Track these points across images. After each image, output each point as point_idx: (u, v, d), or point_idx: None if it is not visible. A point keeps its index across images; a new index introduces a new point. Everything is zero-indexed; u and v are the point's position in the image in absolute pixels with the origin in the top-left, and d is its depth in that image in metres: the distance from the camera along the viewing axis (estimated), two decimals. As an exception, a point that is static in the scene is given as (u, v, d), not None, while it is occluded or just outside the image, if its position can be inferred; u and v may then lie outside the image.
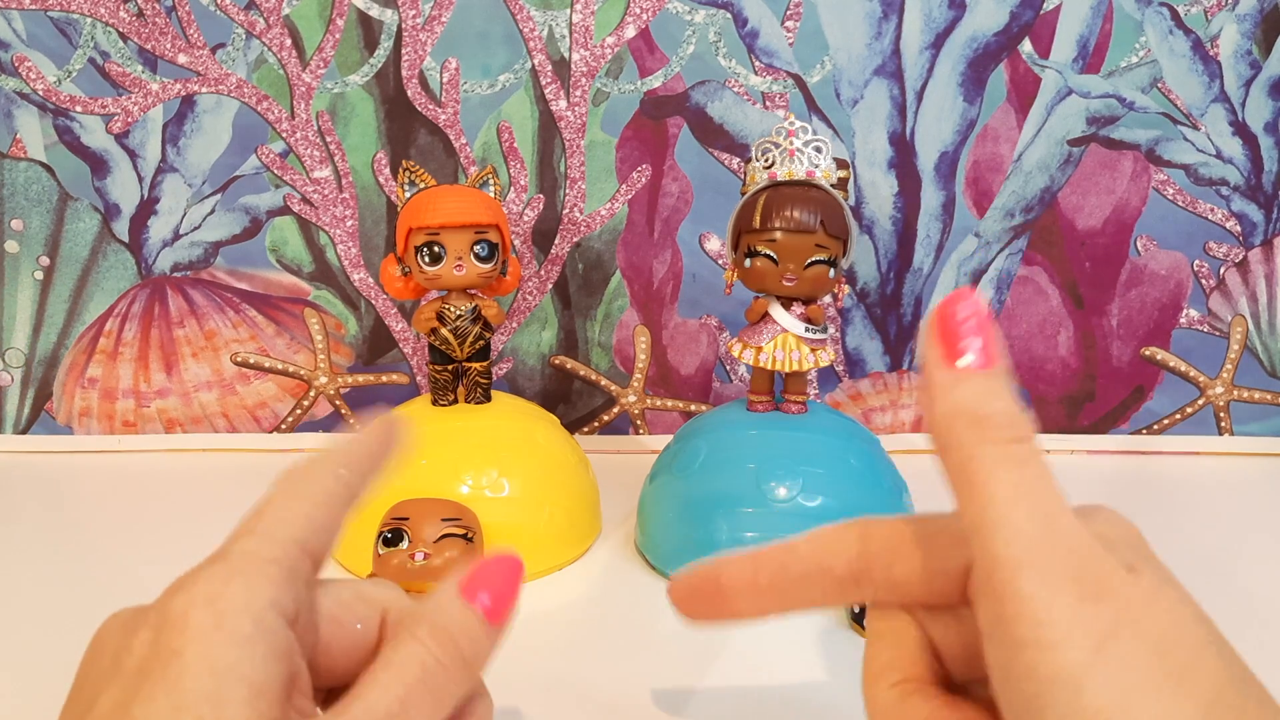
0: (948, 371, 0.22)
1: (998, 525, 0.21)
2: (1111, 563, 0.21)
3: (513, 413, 0.53)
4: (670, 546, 0.49)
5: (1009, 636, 0.20)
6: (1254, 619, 0.43)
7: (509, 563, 0.26)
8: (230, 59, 0.62)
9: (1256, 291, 0.66)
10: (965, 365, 0.22)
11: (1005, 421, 0.22)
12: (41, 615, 0.45)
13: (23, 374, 0.67)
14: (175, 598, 0.22)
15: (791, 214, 0.45)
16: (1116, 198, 0.64)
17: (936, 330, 0.23)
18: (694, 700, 0.38)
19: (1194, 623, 0.20)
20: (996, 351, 0.22)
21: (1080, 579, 0.20)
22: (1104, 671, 0.19)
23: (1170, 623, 0.20)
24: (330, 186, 0.64)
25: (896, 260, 0.65)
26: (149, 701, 0.20)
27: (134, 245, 0.65)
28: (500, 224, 0.49)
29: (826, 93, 0.62)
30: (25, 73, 0.62)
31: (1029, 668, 0.20)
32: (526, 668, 0.33)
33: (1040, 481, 0.21)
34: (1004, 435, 0.21)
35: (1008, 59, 0.62)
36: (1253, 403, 0.68)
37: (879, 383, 0.68)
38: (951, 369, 0.22)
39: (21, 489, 0.61)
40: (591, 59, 0.62)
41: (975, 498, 0.21)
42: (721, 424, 0.51)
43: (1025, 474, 0.21)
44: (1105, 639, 0.19)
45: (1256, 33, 0.62)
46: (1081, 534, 0.21)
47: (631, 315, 0.67)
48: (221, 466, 0.65)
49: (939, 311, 0.23)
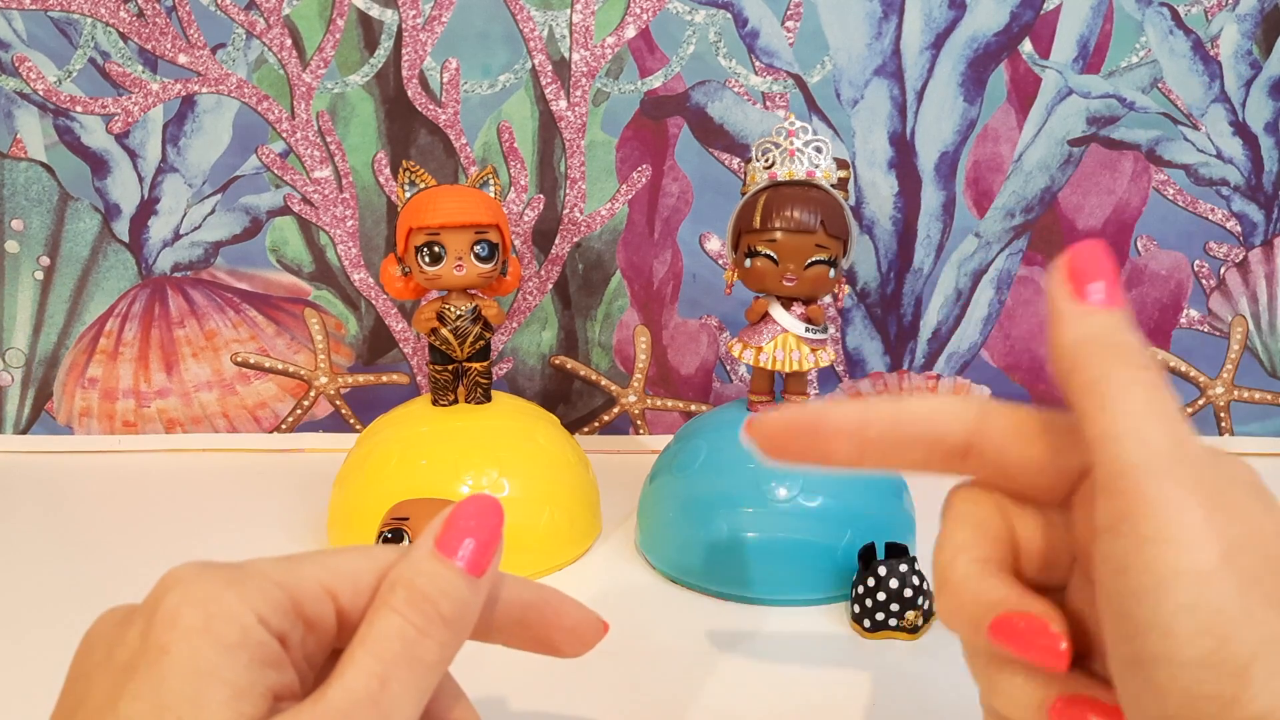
0: (1078, 304, 0.23)
1: (1130, 434, 0.21)
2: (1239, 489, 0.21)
3: (513, 413, 0.53)
4: (670, 546, 0.49)
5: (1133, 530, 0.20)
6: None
7: (485, 505, 0.25)
8: (230, 59, 0.62)
9: (1257, 291, 0.66)
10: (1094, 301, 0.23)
11: (1138, 350, 0.22)
12: (41, 615, 0.45)
13: (23, 374, 0.67)
14: (171, 593, 0.22)
15: (792, 214, 0.45)
16: (1117, 198, 0.64)
17: (1067, 269, 0.24)
18: (694, 700, 0.38)
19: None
20: (1121, 294, 0.23)
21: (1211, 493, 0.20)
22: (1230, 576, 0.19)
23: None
24: (330, 186, 0.64)
25: (896, 260, 0.65)
26: (135, 699, 0.20)
27: (134, 245, 0.65)
28: (500, 224, 0.49)
29: (827, 93, 0.62)
30: (25, 73, 0.62)
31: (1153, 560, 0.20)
32: (525, 668, 0.33)
33: (1171, 407, 0.21)
34: (1137, 361, 0.22)
35: (1008, 59, 0.62)
36: (1253, 403, 0.68)
37: (879, 383, 0.68)
38: (1082, 303, 0.23)
39: (21, 489, 0.61)
40: (592, 59, 0.62)
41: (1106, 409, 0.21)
42: (721, 424, 0.51)
43: (1157, 396, 0.21)
44: (1233, 550, 0.19)
45: (1257, 33, 0.62)
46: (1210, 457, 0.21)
47: (631, 315, 0.67)
48: (221, 466, 0.65)
49: (1070, 253, 0.24)
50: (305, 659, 0.23)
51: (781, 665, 0.41)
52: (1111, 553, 0.21)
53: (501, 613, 0.26)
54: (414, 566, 0.24)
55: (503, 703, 0.37)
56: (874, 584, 0.42)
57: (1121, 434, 0.21)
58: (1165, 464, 0.20)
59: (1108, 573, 0.21)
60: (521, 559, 0.47)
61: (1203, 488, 0.20)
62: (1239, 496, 0.21)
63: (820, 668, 0.41)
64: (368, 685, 0.22)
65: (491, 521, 0.25)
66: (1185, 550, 0.19)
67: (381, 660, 0.22)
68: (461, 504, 0.25)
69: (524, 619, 0.27)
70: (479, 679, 0.29)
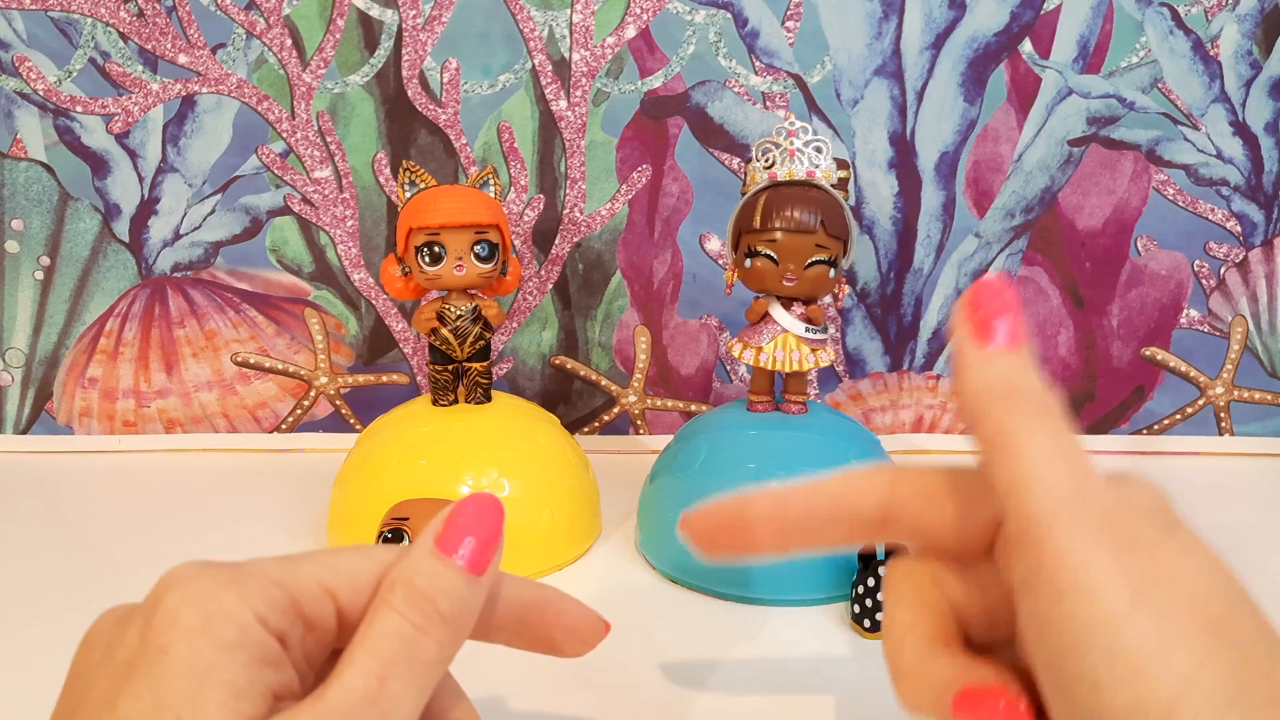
0: (979, 349, 0.23)
1: (1033, 483, 0.21)
2: (1144, 522, 0.21)
3: (513, 413, 0.53)
4: (670, 546, 0.49)
5: (1046, 585, 0.20)
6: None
7: (485, 504, 0.25)
8: (230, 59, 0.62)
9: (1257, 292, 0.66)
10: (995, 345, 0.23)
11: (1037, 395, 0.22)
12: (41, 615, 0.45)
13: (23, 374, 0.67)
14: (170, 592, 0.22)
15: (792, 214, 0.45)
16: (1117, 198, 0.64)
17: (967, 311, 0.24)
18: (694, 700, 0.38)
19: (1226, 582, 0.21)
20: (1023, 333, 0.23)
21: (1116, 534, 0.20)
22: (1143, 616, 0.19)
23: (1205, 580, 0.20)
24: (330, 186, 0.64)
25: (896, 260, 0.65)
26: (134, 699, 0.20)
27: (134, 245, 0.65)
28: (500, 224, 0.49)
29: (827, 93, 0.62)
30: (26, 73, 0.62)
31: (1067, 614, 0.20)
32: (525, 667, 0.33)
33: (1072, 448, 0.22)
34: (1036, 407, 0.22)
35: (1008, 59, 0.62)
36: (1253, 403, 0.68)
37: (879, 383, 0.68)
38: (982, 348, 0.23)
39: (21, 489, 0.61)
40: (592, 59, 0.62)
41: (1009, 460, 0.22)
42: (722, 424, 0.51)
43: (1058, 441, 0.22)
44: (1142, 588, 0.20)
45: (1257, 33, 0.62)
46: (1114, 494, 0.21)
47: (631, 315, 0.67)
48: (221, 466, 0.65)
49: (969, 294, 0.24)
50: (305, 659, 0.23)
51: (781, 665, 0.41)
52: (1031, 610, 0.21)
53: (502, 612, 0.26)
54: (414, 565, 0.23)
55: (503, 703, 0.37)
56: (874, 584, 0.42)
57: (1025, 485, 0.21)
58: (1069, 512, 0.21)
59: (1030, 631, 0.21)
60: (521, 559, 0.47)
61: (1107, 530, 0.20)
62: (1144, 530, 0.21)
63: (820, 668, 0.41)
64: (367, 684, 0.22)
65: (492, 520, 0.24)
66: (1096, 599, 0.20)
67: (381, 659, 0.22)
68: (462, 502, 0.25)
69: (525, 618, 0.27)
70: (479, 679, 0.29)
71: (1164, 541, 0.21)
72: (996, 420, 0.22)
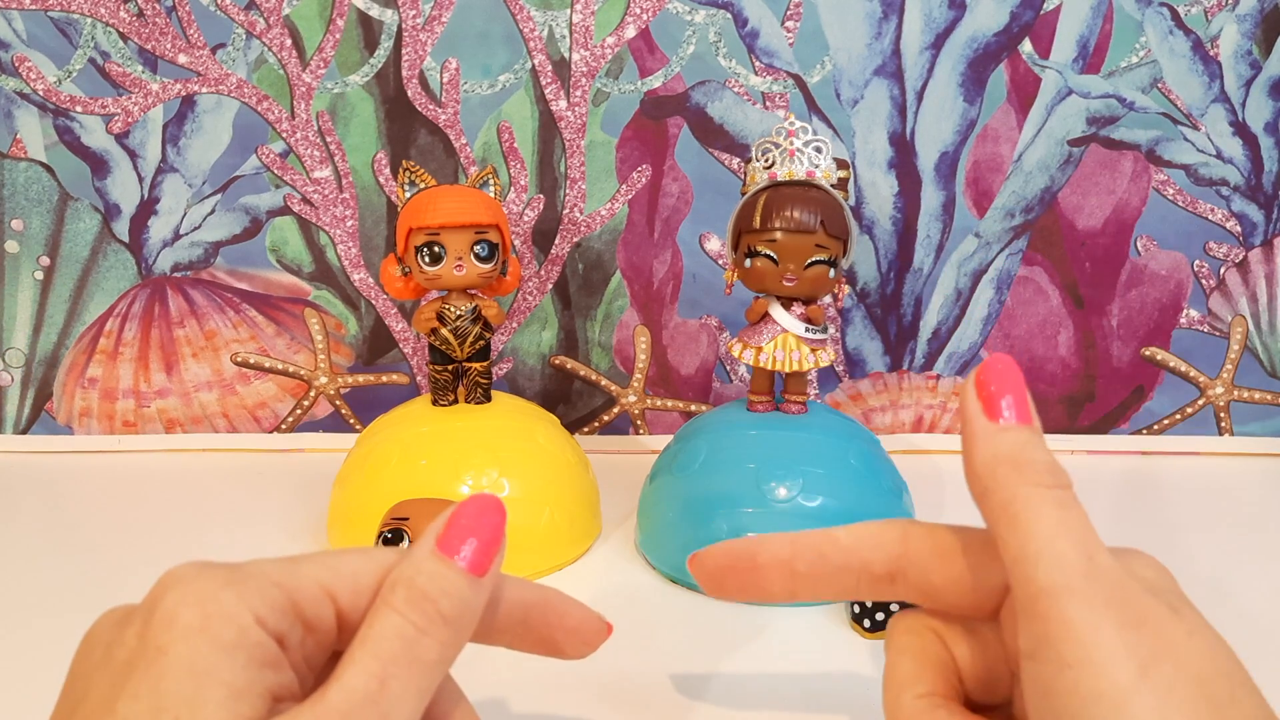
0: (989, 423, 0.24)
1: (1041, 555, 0.21)
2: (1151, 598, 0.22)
3: (513, 413, 0.53)
4: (670, 546, 0.49)
5: (1053, 656, 0.21)
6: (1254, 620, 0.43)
7: (487, 505, 0.25)
8: (230, 59, 0.62)
9: (1257, 292, 0.66)
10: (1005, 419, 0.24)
11: (1046, 468, 0.23)
12: (41, 615, 0.45)
13: (23, 374, 0.67)
14: (169, 593, 0.22)
15: (791, 214, 0.45)
16: (1116, 198, 0.64)
17: (976, 387, 0.24)
18: (694, 700, 0.38)
19: (1230, 663, 0.21)
20: (1031, 410, 0.24)
21: (1123, 609, 0.21)
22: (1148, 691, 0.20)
23: (1209, 659, 0.21)
24: (330, 186, 0.64)
25: (896, 260, 0.65)
26: (133, 699, 0.20)
27: (134, 245, 0.65)
28: (500, 224, 0.49)
29: (826, 93, 0.62)
30: (25, 73, 0.62)
31: (1073, 686, 0.20)
32: (524, 668, 0.33)
33: (1080, 523, 0.22)
34: (1046, 480, 0.23)
35: (1008, 59, 0.62)
36: (1253, 403, 0.68)
37: (879, 383, 0.68)
38: (993, 421, 0.24)
39: (21, 489, 0.61)
40: (591, 59, 0.62)
41: (1018, 531, 0.22)
42: (721, 424, 0.51)
43: (1067, 514, 0.22)
44: (1149, 664, 0.20)
45: (1257, 33, 0.62)
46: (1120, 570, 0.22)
47: (631, 315, 0.67)
48: (221, 466, 0.65)
49: (979, 371, 0.25)
50: (305, 660, 0.23)
51: (781, 665, 0.41)
52: (1037, 678, 0.21)
53: (504, 614, 0.26)
54: (415, 566, 0.23)
55: (503, 704, 0.37)
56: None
57: (1034, 556, 0.22)
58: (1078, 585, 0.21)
59: (1034, 699, 0.21)
60: (521, 559, 0.47)
61: (1114, 604, 0.21)
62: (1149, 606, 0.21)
63: (820, 668, 0.41)
64: (367, 685, 0.21)
65: (494, 521, 0.24)
66: (1103, 672, 0.20)
67: (381, 660, 0.22)
68: (464, 503, 0.25)
69: (527, 620, 0.27)
70: (479, 680, 0.30)
71: (1170, 618, 0.21)
72: (1006, 492, 0.23)
